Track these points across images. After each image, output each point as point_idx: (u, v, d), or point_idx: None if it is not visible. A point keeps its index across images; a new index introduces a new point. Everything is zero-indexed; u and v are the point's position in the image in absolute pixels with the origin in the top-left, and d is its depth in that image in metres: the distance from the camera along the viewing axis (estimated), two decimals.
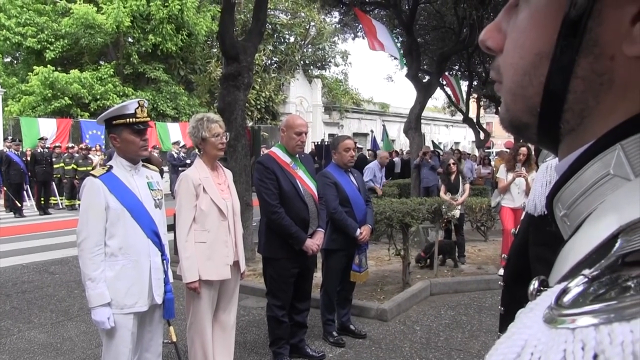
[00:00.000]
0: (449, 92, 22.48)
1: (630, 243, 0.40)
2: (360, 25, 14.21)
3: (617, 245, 0.41)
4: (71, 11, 23.55)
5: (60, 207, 16.71)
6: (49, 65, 22.92)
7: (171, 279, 3.54)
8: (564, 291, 0.40)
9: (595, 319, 0.35)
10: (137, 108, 3.30)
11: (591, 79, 0.49)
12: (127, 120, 3.28)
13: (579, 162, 0.51)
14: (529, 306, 0.45)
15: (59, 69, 23.59)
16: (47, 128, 19.28)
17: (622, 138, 0.47)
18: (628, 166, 0.47)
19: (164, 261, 3.44)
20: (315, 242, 4.46)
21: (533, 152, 7.54)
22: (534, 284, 0.49)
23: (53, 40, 24.15)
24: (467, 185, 8.81)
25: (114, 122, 3.30)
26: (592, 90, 0.49)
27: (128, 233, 3.23)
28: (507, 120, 0.58)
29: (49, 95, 22.82)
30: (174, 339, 3.79)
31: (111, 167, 3.32)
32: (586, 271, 0.40)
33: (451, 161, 8.82)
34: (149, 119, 3.44)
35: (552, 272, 0.52)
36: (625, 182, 0.47)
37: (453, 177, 8.62)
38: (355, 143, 5.52)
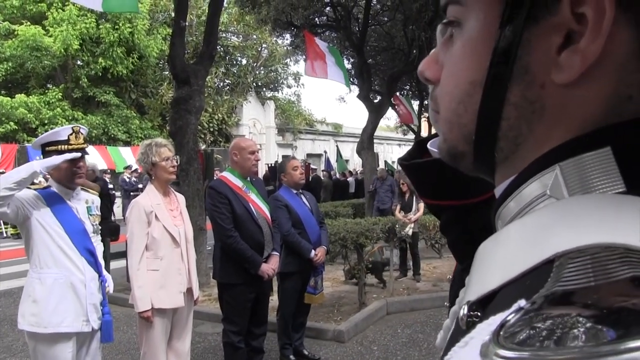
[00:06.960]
0: (402, 112, 22.75)
1: (568, 277, 0.38)
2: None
3: (552, 274, 0.39)
4: (15, 33, 22.93)
5: (5, 235, 16.00)
6: None
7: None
8: (502, 325, 0.37)
9: None
10: (71, 134, 3.24)
11: (523, 105, 0.49)
12: (59, 147, 3.22)
13: (519, 180, 0.51)
14: (463, 340, 0.42)
15: (3, 92, 22.78)
16: None
17: (562, 159, 0.47)
18: (564, 188, 0.46)
19: (102, 283, 3.37)
20: (270, 266, 4.44)
21: None
22: (463, 309, 0.46)
23: None
24: (422, 204, 8.91)
25: (47, 148, 3.25)
26: (525, 117, 0.50)
27: (60, 247, 3.15)
28: (445, 150, 0.58)
29: None
30: None
31: (49, 186, 3.26)
32: (522, 302, 0.38)
33: (401, 181, 8.96)
34: (85, 145, 3.37)
35: (472, 273, 0.50)
36: None
37: (407, 196, 8.74)
38: (309, 164, 5.53)
